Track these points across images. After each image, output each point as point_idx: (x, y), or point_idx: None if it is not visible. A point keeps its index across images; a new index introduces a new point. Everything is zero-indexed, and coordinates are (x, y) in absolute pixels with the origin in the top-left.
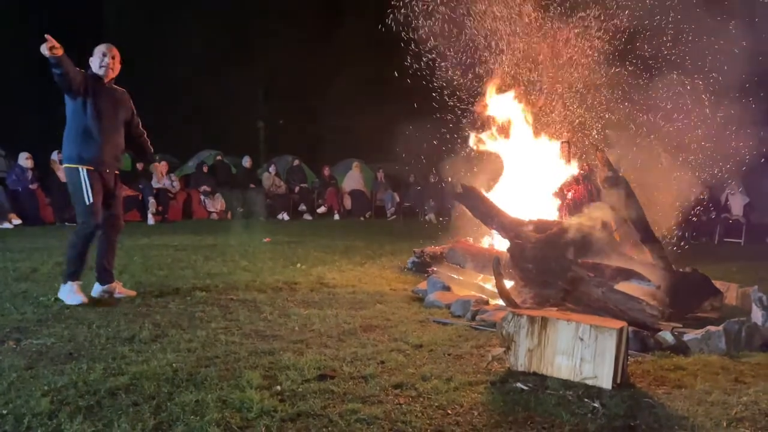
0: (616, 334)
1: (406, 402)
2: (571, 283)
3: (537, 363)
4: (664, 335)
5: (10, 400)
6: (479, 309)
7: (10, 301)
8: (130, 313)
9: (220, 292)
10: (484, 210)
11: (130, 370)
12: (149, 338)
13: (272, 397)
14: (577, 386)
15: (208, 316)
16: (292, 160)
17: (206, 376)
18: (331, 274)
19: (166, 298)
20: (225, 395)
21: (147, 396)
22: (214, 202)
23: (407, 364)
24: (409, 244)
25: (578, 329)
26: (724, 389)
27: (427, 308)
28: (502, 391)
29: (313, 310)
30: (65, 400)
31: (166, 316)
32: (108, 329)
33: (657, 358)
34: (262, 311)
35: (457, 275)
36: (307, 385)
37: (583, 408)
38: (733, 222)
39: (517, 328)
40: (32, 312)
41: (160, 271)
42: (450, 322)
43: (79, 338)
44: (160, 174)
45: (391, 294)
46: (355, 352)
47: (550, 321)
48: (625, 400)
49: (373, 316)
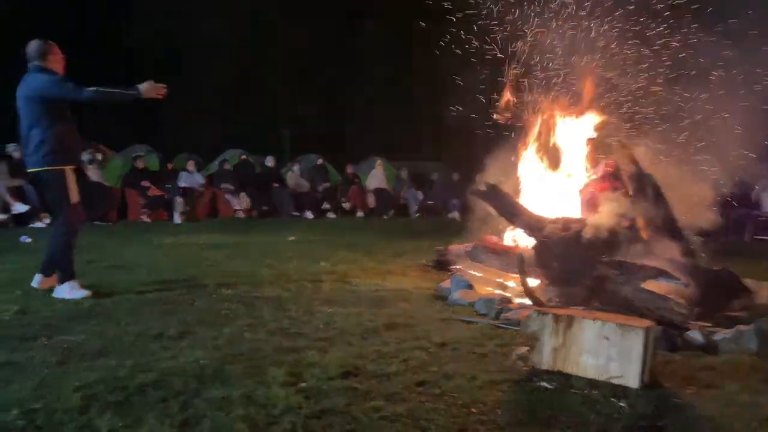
0: (642, 333)
1: (430, 400)
2: (597, 282)
3: (562, 362)
4: (693, 334)
5: (42, 395)
6: (503, 307)
7: (42, 299)
8: (158, 310)
9: (246, 290)
10: (507, 208)
11: (159, 366)
12: (177, 335)
13: (297, 394)
14: (602, 386)
15: (234, 314)
16: (316, 158)
17: (232, 372)
18: (355, 273)
19: (192, 295)
20: (250, 392)
21: (175, 392)
22: (239, 201)
23: (430, 363)
24: (433, 243)
25: (604, 328)
26: (754, 390)
27: (451, 306)
28: (526, 389)
29: (337, 308)
30: (95, 396)
31: (192, 314)
32: (136, 326)
33: (685, 358)
34: (286, 309)
35: (481, 273)
36: (331, 382)
37: (609, 407)
38: (765, 219)
39: (541, 327)
40: (63, 309)
41: (186, 269)
42: (474, 321)
43: (108, 335)
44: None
45: (415, 292)
46: (378, 350)
47: (576, 319)
48: (652, 400)
49: (397, 314)
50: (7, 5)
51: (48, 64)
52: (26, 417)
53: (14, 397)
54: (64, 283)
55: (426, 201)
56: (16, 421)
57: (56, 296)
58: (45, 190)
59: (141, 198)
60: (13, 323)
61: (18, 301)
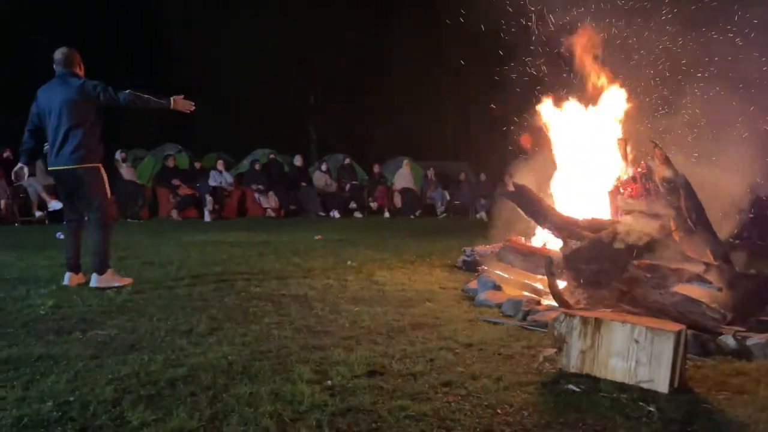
0: (673, 337)
1: (455, 400)
2: (627, 284)
3: (590, 364)
4: (726, 339)
5: (76, 388)
6: (530, 309)
7: (77, 294)
8: (188, 306)
9: (273, 288)
10: (536, 209)
11: (188, 361)
12: (206, 331)
13: (323, 391)
14: (631, 389)
15: (262, 311)
16: (343, 158)
17: (260, 369)
18: (381, 272)
19: (221, 292)
20: (277, 388)
21: (204, 387)
22: (267, 200)
23: (456, 363)
24: (459, 243)
25: (634, 331)
26: None
27: (477, 307)
28: (553, 392)
29: (363, 307)
30: (128, 389)
31: (221, 311)
32: (167, 322)
33: (718, 363)
34: (313, 307)
35: (508, 274)
36: (357, 380)
37: (638, 411)
38: None
39: (569, 329)
40: (97, 304)
41: (216, 266)
42: (500, 322)
43: (140, 330)
44: None
45: (441, 292)
46: (404, 349)
47: (604, 322)
48: (683, 404)
49: (423, 314)
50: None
51: (78, 70)
52: (61, 409)
53: (50, 390)
54: (107, 271)
55: (453, 201)
56: (51, 413)
57: (99, 285)
58: (79, 187)
59: (171, 196)
60: (50, 317)
61: (54, 295)
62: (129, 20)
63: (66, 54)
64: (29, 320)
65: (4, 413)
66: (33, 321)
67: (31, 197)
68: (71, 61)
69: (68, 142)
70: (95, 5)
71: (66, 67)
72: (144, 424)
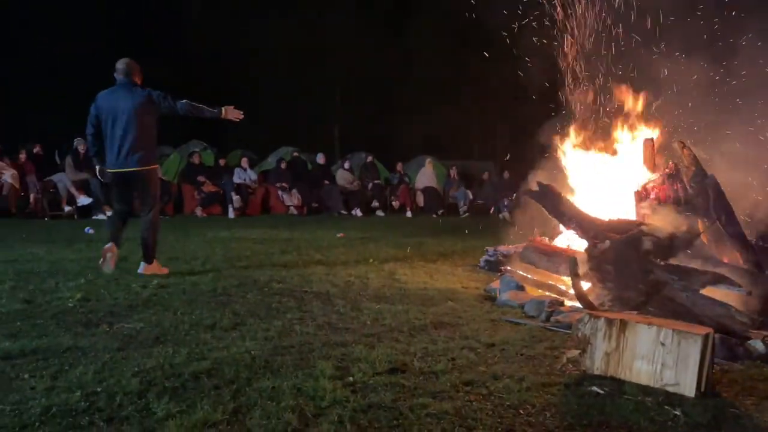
0: (701, 341)
1: (477, 399)
2: (654, 287)
3: (614, 367)
4: (755, 344)
5: (103, 379)
6: (554, 310)
7: (105, 288)
8: (212, 301)
9: (295, 285)
10: (561, 209)
11: (212, 355)
12: (229, 326)
13: (344, 387)
14: (656, 392)
15: (284, 307)
16: (365, 156)
17: (282, 364)
18: (403, 270)
19: (244, 288)
20: (299, 383)
21: (227, 380)
22: (291, 197)
23: (478, 362)
24: (482, 242)
25: (660, 334)
26: None
27: (500, 307)
28: (576, 393)
29: (385, 305)
30: (153, 381)
31: (244, 306)
32: (191, 316)
33: (746, 368)
34: (335, 304)
35: (531, 275)
36: (378, 377)
37: (663, 415)
38: None
39: (593, 330)
40: (123, 298)
41: (239, 262)
42: (523, 322)
43: (165, 324)
44: None
45: (463, 292)
46: (425, 347)
47: (630, 324)
48: (709, 409)
49: (444, 313)
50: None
51: (138, 79)
52: (88, 399)
53: (78, 380)
54: (152, 263)
55: (476, 200)
56: (79, 402)
57: (145, 273)
58: (142, 187)
59: (196, 193)
60: (78, 310)
61: (82, 288)
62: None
63: (128, 64)
64: (58, 312)
65: (33, 402)
66: (62, 313)
67: (61, 192)
68: (133, 71)
69: (135, 147)
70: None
71: (127, 77)
72: (169, 415)
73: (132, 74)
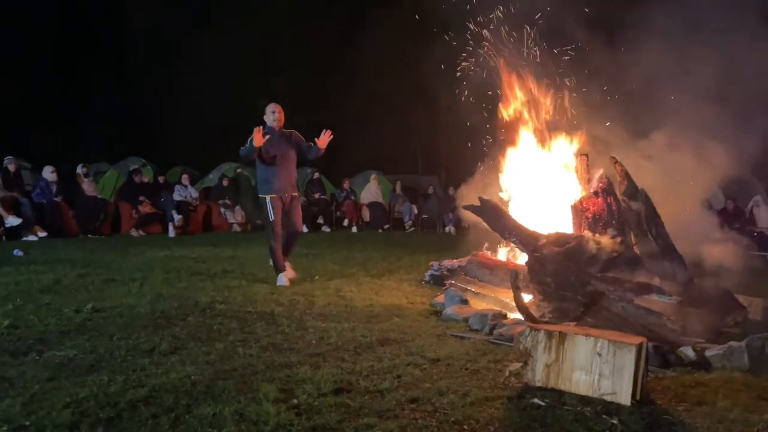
0: (635, 350)
1: (422, 417)
2: (591, 298)
3: (555, 378)
4: (686, 351)
5: (32, 411)
6: (497, 323)
7: (34, 313)
8: (150, 325)
9: (238, 305)
10: (502, 223)
11: (150, 382)
12: (168, 350)
13: (289, 410)
14: (595, 402)
15: (226, 329)
16: (311, 172)
17: (224, 388)
18: (349, 287)
19: (185, 310)
20: (242, 408)
21: (166, 408)
22: (234, 214)
23: (424, 379)
24: (427, 257)
25: (597, 344)
26: (746, 407)
27: (445, 322)
28: (519, 406)
29: (330, 323)
30: (86, 412)
31: (185, 329)
32: (128, 341)
33: (678, 374)
34: (279, 324)
35: (475, 288)
36: (324, 398)
37: (601, 424)
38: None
39: (534, 343)
40: (55, 324)
41: (179, 283)
42: (467, 336)
43: (100, 350)
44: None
45: (409, 307)
46: (371, 365)
47: (568, 336)
48: (644, 416)
49: (390, 329)
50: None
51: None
52: None
53: (4, 414)
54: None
55: (421, 215)
56: None
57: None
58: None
59: (134, 212)
60: (5, 338)
61: (10, 315)
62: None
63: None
64: None
65: None
66: None
67: None
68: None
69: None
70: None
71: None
72: None
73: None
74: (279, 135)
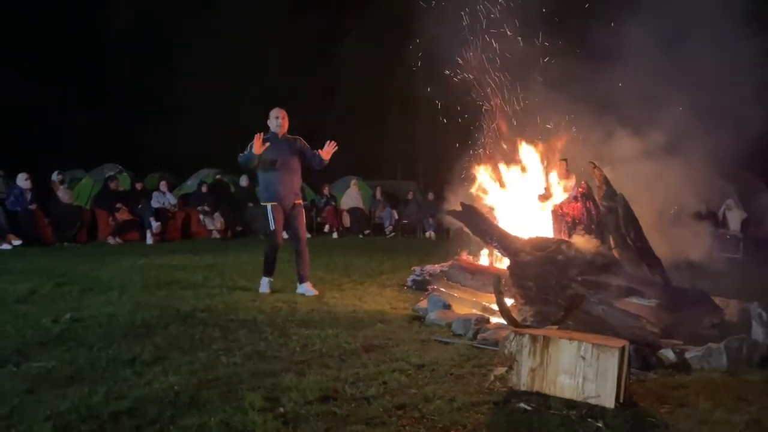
0: (618, 353)
1: (410, 423)
2: (571, 301)
3: (539, 382)
4: (666, 353)
5: (12, 425)
6: (480, 327)
7: (11, 323)
8: (131, 334)
9: (220, 313)
10: (483, 228)
11: (132, 393)
12: (150, 360)
13: (275, 419)
14: (579, 405)
15: (209, 337)
16: None
17: (208, 398)
18: (331, 293)
19: (165, 319)
20: (228, 418)
21: (149, 420)
22: (213, 221)
23: (409, 385)
24: (409, 262)
25: (580, 348)
26: (727, 407)
27: (428, 327)
28: (505, 411)
29: (314, 329)
30: (68, 425)
31: (166, 338)
32: (109, 351)
33: (659, 377)
34: (262, 331)
35: (458, 293)
36: (310, 407)
37: (587, 428)
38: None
39: (519, 347)
40: (32, 334)
41: (159, 291)
42: (451, 341)
43: (80, 361)
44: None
45: (392, 313)
46: (356, 372)
47: (552, 340)
48: (628, 419)
49: (374, 335)
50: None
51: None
52: None
53: None
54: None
55: (401, 220)
56: None
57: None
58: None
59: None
60: None
61: None
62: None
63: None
64: None
65: None
66: None
67: None
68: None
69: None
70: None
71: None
72: None
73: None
74: (282, 140)
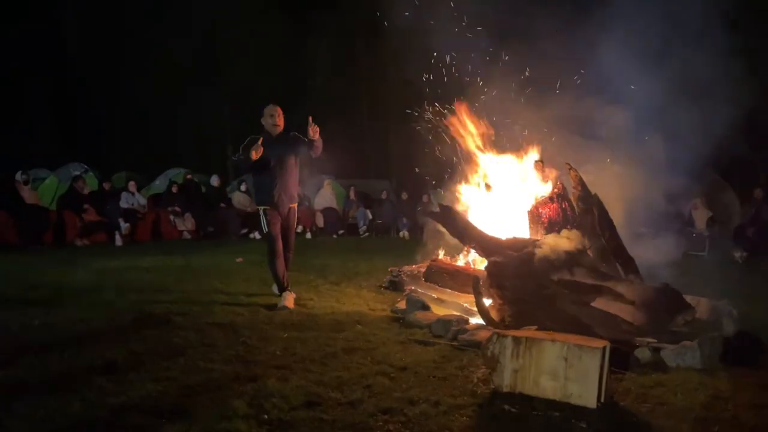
0: (599, 353)
1: (396, 428)
2: (548, 301)
3: (522, 383)
4: (642, 352)
5: None
6: (460, 328)
7: None
8: (104, 339)
9: (196, 316)
10: (461, 229)
11: (110, 402)
12: (126, 367)
13: (260, 426)
14: (562, 407)
15: (186, 342)
16: None
17: (190, 406)
18: (308, 295)
19: (140, 323)
20: (212, 426)
21: (130, 430)
22: (184, 222)
23: (394, 388)
24: (384, 262)
25: (563, 349)
26: (705, 405)
27: (408, 328)
28: (490, 413)
29: (293, 332)
30: None
31: (141, 343)
32: (82, 358)
33: (637, 375)
34: (240, 335)
35: (435, 294)
36: (295, 412)
37: (571, 429)
38: (697, 236)
39: (502, 349)
40: (1, 341)
41: (132, 295)
42: (432, 342)
43: (52, 369)
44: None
45: (371, 314)
46: (339, 376)
47: (535, 341)
48: (611, 419)
49: (354, 337)
50: None
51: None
52: None
53: None
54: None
55: (375, 220)
56: None
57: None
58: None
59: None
60: None
61: None
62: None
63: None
64: None
65: None
66: None
67: None
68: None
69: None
70: None
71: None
72: None
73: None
74: (277, 140)
